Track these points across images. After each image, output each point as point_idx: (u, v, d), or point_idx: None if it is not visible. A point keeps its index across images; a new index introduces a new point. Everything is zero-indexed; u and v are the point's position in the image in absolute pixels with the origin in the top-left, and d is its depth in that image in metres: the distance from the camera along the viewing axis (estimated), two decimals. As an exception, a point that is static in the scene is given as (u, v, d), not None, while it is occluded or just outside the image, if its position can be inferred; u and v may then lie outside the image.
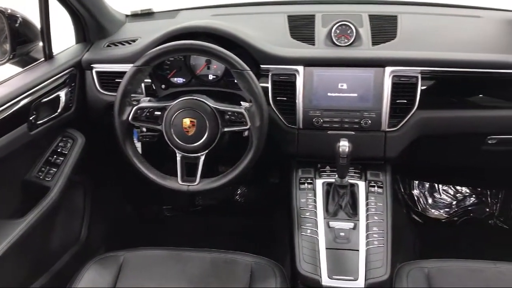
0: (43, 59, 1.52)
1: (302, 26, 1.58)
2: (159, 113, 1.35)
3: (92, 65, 1.57)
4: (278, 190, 2.20)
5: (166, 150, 1.37)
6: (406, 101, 1.42)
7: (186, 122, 1.32)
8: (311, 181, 1.48)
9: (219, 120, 1.32)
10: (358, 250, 1.30)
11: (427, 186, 2.29)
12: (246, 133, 1.37)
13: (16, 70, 1.49)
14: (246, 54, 1.44)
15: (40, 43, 1.51)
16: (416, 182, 2.29)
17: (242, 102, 1.42)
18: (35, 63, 1.51)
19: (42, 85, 1.41)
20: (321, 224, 1.36)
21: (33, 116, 1.36)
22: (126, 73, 1.31)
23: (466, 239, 2.09)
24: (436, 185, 2.29)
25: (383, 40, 1.50)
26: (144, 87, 1.54)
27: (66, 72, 1.51)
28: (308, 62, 1.44)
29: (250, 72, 1.29)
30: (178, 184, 1.34)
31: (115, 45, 1.63)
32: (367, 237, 1.33)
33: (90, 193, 1.83)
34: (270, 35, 1.55)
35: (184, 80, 1.56)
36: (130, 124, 1.35)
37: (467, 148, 1.62)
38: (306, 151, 1.50)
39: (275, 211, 2.08)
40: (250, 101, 1.32)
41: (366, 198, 1.42)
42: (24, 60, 1.52)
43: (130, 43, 1.61)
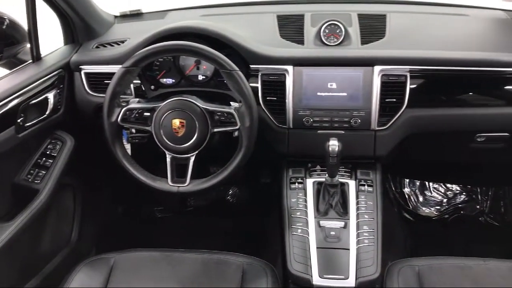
0: (30, 61, 1.51)
1: (291, 25, 1.59)
2: (148, 114, 1.34)
3: (80, 66, 1.56)
4: (269, 190, 2.20)
5: (156, 151, 1.37)
6: (395, 99, 1.43)
7: (175, 123, 1.31)
8: (301, 180, 1.47)
9: (209, 120, 1.32)
10: (349, 249, 1.30)
11: (417, 184, 2.31)
12: (236, 133, 1.37)
13: (3, 72, 1.48)
14: (235, 54, 1.44)
15: (28, 45, 1.50)
16: (407, 180, 2.31)
17: (231, 103, 1.42)
18: (22, 65, 1.49)
19: (30, 87, 1.40)
20: (311, 224, 1.36)
21: (21, 119, 1.35)
22: (115, 74, 1.30)
23: (457, 236, 2.11)
24: (426, 183, 2.30)
25: (372, 39, 1.51)
26: (133, 88, 1.53)
27: (54, 73, 1.50)
28: (298, 62, 1.44)
29: (239, 72, 1.29)
30: (168, 185, 1.34)
31: (104, 46, 1.62)
32: (357, 235, 1.33)
33: (80, 195, 1.82)
34: (260, 35, 1.55)
35: (173, 80, 1.56)
36: (119, 126, 1.34)
37: (456, 146, 1.64)
38: (296, 151, 1.51)
39: (266, 211, 2.08)
40: (239, 101, 1.31)
41: (357, 197, 1.42)
42: (11, 62, 1.51)
43: (119, 44, 1.60)
